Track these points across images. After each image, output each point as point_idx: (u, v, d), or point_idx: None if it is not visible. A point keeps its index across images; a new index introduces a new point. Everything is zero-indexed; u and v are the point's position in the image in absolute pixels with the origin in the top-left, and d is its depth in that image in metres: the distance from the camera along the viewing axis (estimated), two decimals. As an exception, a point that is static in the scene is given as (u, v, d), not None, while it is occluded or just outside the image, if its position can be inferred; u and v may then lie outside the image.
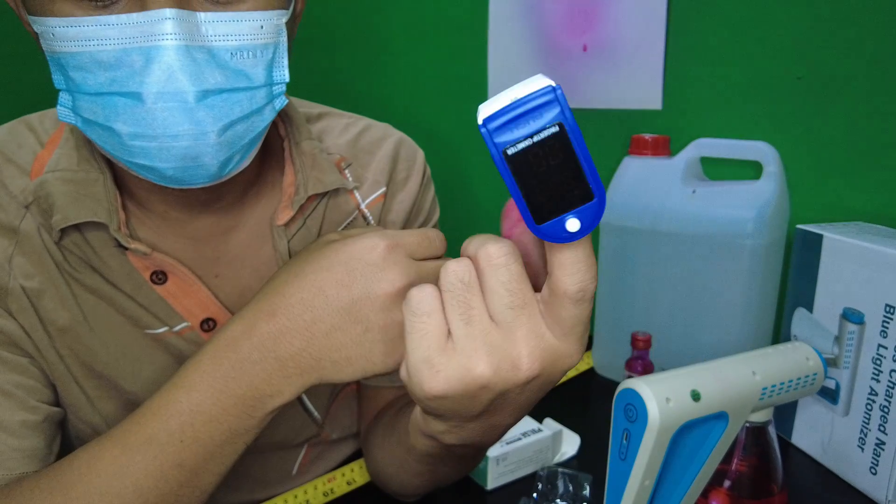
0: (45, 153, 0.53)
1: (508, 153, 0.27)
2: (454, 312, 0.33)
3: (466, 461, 0.52)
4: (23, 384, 0.50)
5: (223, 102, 0.44)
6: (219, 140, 0.44)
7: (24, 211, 0.51)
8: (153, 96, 0.41)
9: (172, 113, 0.42)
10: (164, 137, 0.43)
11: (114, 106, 0.42)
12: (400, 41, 1.29)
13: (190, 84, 0.42)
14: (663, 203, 0.83)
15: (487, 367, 0.32)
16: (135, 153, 0.44)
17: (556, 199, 0.28)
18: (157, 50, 0.41)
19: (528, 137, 0.27)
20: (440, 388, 0.33)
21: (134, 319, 0.54)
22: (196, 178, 0.46)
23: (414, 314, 0.33)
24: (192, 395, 0.42)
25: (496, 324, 0.33)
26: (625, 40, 0.99)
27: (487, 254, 0.32)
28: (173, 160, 0.44)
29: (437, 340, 0.33)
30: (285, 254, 0.57)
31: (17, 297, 0.50)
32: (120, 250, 0.52)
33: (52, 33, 0.42)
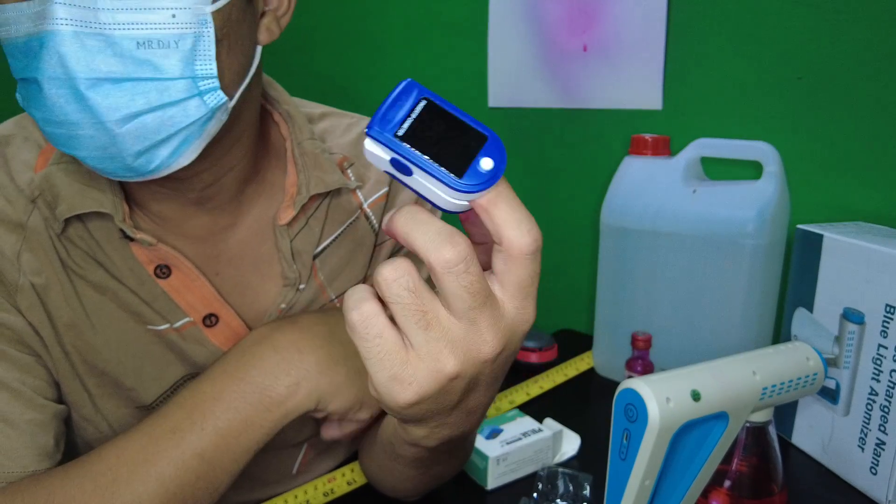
0: (49, 147, 0.53)
1: (400, 134, 0.30)
2: (409, 322, 0.31)
3: (457, 454, 0.52)
4: (31, 382, 0.50)
5: (121, 92, 0.43)
6: (121, 130, 0.43)
7: (32, 206, 0.51)
8: (47, 81, 0.41)
9: (66, 99, 0.42)
10: (67, 125, 0.43)
11: (27, 91, 0.43)
12: (400, 41, 1.29)
13: (78, 70, 0.41)
14: (664, 203, 0.83)
15: (455, 361, 0.32)
16: (54, 139, 0.44)
17: (461, 153, 0.30)
18: (48, 35, 0.40)
19: (406, 117, 0.30)
20: (414, 397, 0.32)
21: (137, 315, 0.54)
22: (117, 168, 0.46)
23: (364, 339, 0.32)
24: (215, 385, 0.48)
25: (457, 320, 0.32)
26: (625, 40, 0.99)
27: (445, 261, 0.30)
28: (85, 149, 0.44)
29: (398, 355, 0.32)
30: (288, 253, 0.58)
31: (27, 294, 0.51)
32: (124, 242, 0.52)
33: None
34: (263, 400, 0.49)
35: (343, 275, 0.62)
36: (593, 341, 0.95)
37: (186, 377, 0.57)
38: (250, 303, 0.59)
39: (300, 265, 0.59)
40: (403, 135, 0.30)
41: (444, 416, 0.36)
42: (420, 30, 1.25)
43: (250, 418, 0.48)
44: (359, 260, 0.63)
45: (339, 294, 0.62)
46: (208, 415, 0.47)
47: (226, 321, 0.56)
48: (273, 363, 0.50)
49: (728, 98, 0.91)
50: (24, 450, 0.48)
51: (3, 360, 0.49)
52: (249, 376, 0.49)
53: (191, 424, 0.47)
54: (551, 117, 1.10)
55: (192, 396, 0.48)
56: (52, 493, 0.45)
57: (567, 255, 1.12)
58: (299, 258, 0.59)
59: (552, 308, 1.16)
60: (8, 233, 0.50)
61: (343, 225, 0.62)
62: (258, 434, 0.49)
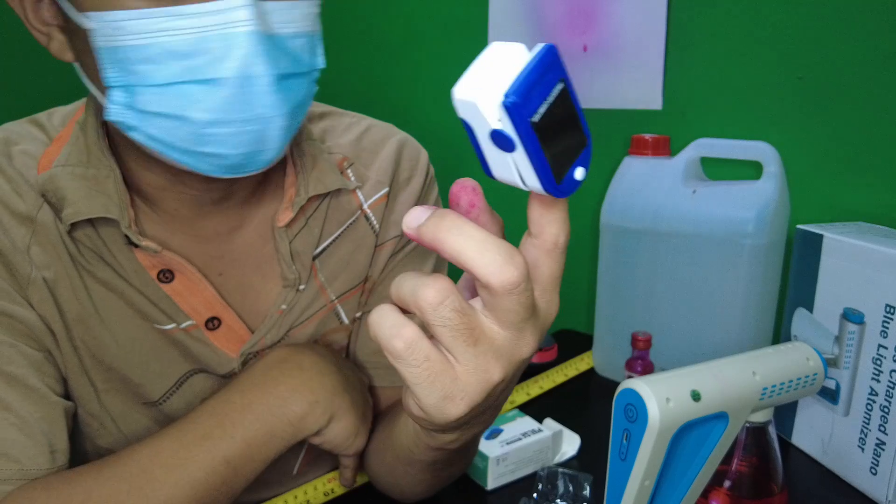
0: (52, 149, 0.53)
1: (535, 121, 0.26)
2: (457, 342, 0.30)
3: (468, 454, 0.54)
4: (42, 379, 0.50)
5: (290, 86, 0.46)
6: (285, 124, 0.46)
7: (42, 200, 0.51)
8: (235, 81, 0.43)
9: (252, 97, 0.44)
10: (239, 122, 0.44)
11: (188, 95, 0.43)
12: (400, 41, 1.29)
13: (268, 68, 0.43)
14: (664, 203, 0.83)
15: (501, 369, 0.32)
16: (206, 141, 0.45)
17: (566, 154, 0.28)
18: (236, 36, 0.42)
19: (543, 102, 0.26)
20: (464, 410, 0.32)
21: (144, 313, 0.54)
22: (256, 164, 0.48)
23: (413, 365, 0.31)
24: (245, 396, 0.51)
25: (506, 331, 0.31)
26: (625, 40, 0.99)
27: (510, 283, 0.29)
28: (243, 146, 0.46)
29: (448, 375, 0.31)
30: (287, 255, 0.58)
31: (38, 288, 0.51)
32: (129, 247, 0.52)
33: (114, 27, 0.42)
34: (287, 413, 0.51)
35: (343, 275, 0.62)
36: (593, 341, 0.95)
37: (191, 372, 0.57)
38: (251, 303, 0.59)
39: (299, 266, 0.59)
40: (537, 122, 0.26)
41: (478, 417, 0.37)
42: (420, 30, 1.25)
43: (274, 430, 0.51)
44: (359, 261, 0.63)
45: (338, 295, 0.62)
46: (238, 424, 0.50)
47: (228, 324, 0.57)
48: (299, 381, 0.52)
49: (728, 98, 0.91)
50: (39, 448, 0.48)
51: (17, 356, 0.49)
52: (277, 391, 0.51)
53: (222, 432, 0.49)
54: (551, 117, 1.10)
55: (223, 405, 0.51)
56: (88, 492, 0.46)
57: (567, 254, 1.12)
58: (298, 259, 0.59)
59: (552, 308, 1.16)
60: (19, 225, 0.50)
61: (343, 225, 0.61)
62: (279, 445, 0.51)
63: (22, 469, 0.47)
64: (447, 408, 0.32)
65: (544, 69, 0.26)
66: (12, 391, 0.48)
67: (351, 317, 0.64)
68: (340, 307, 0.62)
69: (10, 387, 0.48)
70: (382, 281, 0.64)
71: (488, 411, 0.38)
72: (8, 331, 0.49)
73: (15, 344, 0.49)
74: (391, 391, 0.64)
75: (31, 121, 0.56)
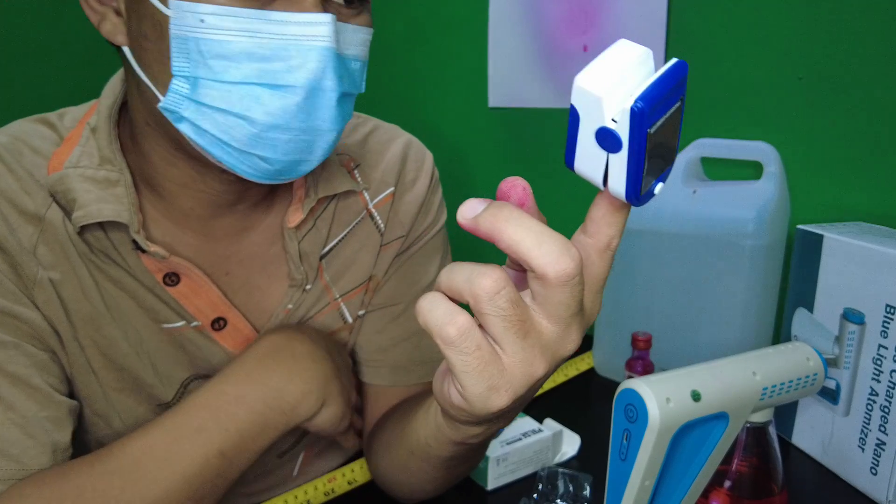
0: (63, 150, 0.53)
1: (650, 132, 0.27)
2: (508, 333, 0.31)
3: (482, 452, 0.54)
4: (46, 379, 0.50)
5: (347, 106, 0.49)
6: (334, 139, 0.48)
7: (51, 200, 0.51)
8: (305, 91, 0.44)
9: (317, 109, 0.45)
10: (297, 131, 0.46)
11: (256, 97, 0.44)
12: (400, 41, 1.29)
13: (336, 84, 0.45)
14: (664, 203, 0.83)
15: (545, 365, 0.33)
16: (261, 143, 0.46)
17: (658, 168, 0.29)
18: (316, 50, 0.44)
19: (663, 115, 0.27)
20: (507, 403, 0.33)
21: (153, 313, 0.54)
22: (295, 173, 0.49)
23: (464, 353, 0.31)
24: (238, 387, 0.51)
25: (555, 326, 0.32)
26: (625, 40, 0.98)
27: (567, 274, 0.30)
28: (293, 153, 0.47)
29: (496, 366, 0.32)
30: (296, 255, 0.58)
31: (44, 288, 0.51)
32: (136, 251, 0.53)
33: (200, 20, 0.42)
34: (281, 404, 0.51)
35: (347, 274, 0.62)
36: (593, 341, 0.95)
37: (192, 377, 0.57)
38: (257, 303, 0.59)
39: (307, 266, 0.59)
40: (652, 133, 0.27)
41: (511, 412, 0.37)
42: (420, 30, 1.25)
43: (268, 420, 0.51)
44: (363, 260, 0.63)
45: (342, 293, 0.62)
46: (231, 416, 0.50)
47: (234, 324, 0.57)
48: (292, 370, 0.52)
49: (728, 98, 0.91)
50: (41, 447, 0.48)
51: (21, 356, 0.49)
52: (271, 381, 0.51)
53: (215, 425, 0.49)
54: (551, 117, 1.10)
55: (216, 398, 0.50)
56: (81, 487, 0.46)
57: (567, 255, 1.12)
58: (306, 259, 0.59)
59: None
60: (26, 224, 0.50)
61: (349, 226, 0.62)
62: (273, 435, 0.51)
63: (22, 469, 0.47)
64: (492, 398, 0.32)
65: (673, 84, 0.27)
66: (15, 390, 0.48)
67: (354, 315, 0.64)
68: (344, 305, 0.63)
69: (13, 386, 0.48)
70: (387, 280, 0.65)
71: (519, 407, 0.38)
72: (12, 331, 0.49)
73: (19, 344, 0.49)
74: (394, 390, 0.64)
75: (41, 120, 0.55)
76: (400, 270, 0.65)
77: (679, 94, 0.28)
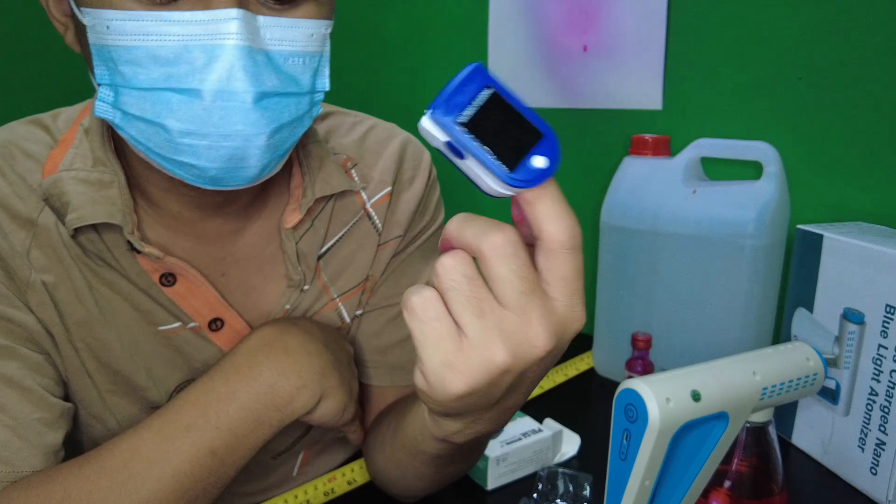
0: (57, 152, 0.53)
1: (461, 121, 0.30)
2: (464, 309, 0.32)
3: (472, 454, 0.53)
4: (40, 381, 0.50)
5: (275, 106, 0.45)
6: (267, 143, 0.45)
7: (43, 204, 0.51)
8: (212, 94, 0.42)
9: (229, 112, 0.43)
10: (215, 136, 0.43)
11: (166, 102, 0.43)
12: (400, 41, 1.29)
13: (249, 85, 0.42)
14: (663, 203, 0.83)
15: (507, 353, 0.32)
16: (181, 151, 0.44)
17: (515, 147, 0.30)
18: (221, 49, 0.41)
19: (469, 104, 0.30)
20: (465, 387, 0.32)
21: (148, 315, 0.54)
22: (236, 179, 0.47)
23: (421, 321, 0.32)
24: (228, 384, 0.49)
25: (508, 310, 0.32)
26: (625, 40, 0.99)
27: (494, 244, 0.31)
28: (220, 160, 0.45)
29: (452, 342, 0.32)
30: (293, 255, 0.58)
31: (37, 291, 0.51)
32: (131, 252, 0.52)
33: (106, 26, 0.42)
34: (274, 399, 0.50)
35: (345, 274, 0.62)
36: (593, 341, 0.95)
37: (188, 381, 0.57)
38: (254, 304, 0.59)
39: (305, 267, 0.59)
40: (464, 122, 0.30)
41: (483, 411, 0.36)
42: (420, 29, 1.25)
43: (260, 417, 0.50)
44: (361, 260, 0.63)
45: (340, 293, 0.62)
46: (222, 413, 0.48)
47: (231, 325, 0.57)
48: (285, 364, 0.51)
49: (728, 98, 0.91)
50: (33, 449, 0.48)
51: (14, 359, 0.49)
52: (262, 376, 0.50)
53: (205, 423, 0.48)
54: (551, 117, 1.10)
55: (206, 395, 0.49)
56: (67, 489, 0.45)
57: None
58: (304, 260, 0.59)
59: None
60: (19, 228, 0.50)
61: (347, 226, 0.62)
62: (266, 431, 0.50)
63: (13, 471, 0.46)
64: (447, 377, 0.32)
65: (464, 82, 0.30)
66: (8, 392, 0.48)
67: (351, 315, 0.64)
68: (342, 305, 0.63)
69: (5, 388, 0.48)
70: (385, 280, 0.64)
71: (493, 410, 0.37)
72: (6, 334, 0.49)
73: (12, 346, 0.49)
74: (392, 391, 0.64)
75: (35, 122, 0.55)
76: (397, 270, 0.65)
77: (481, 84, 0.30)
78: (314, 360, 0.52)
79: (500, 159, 0.30)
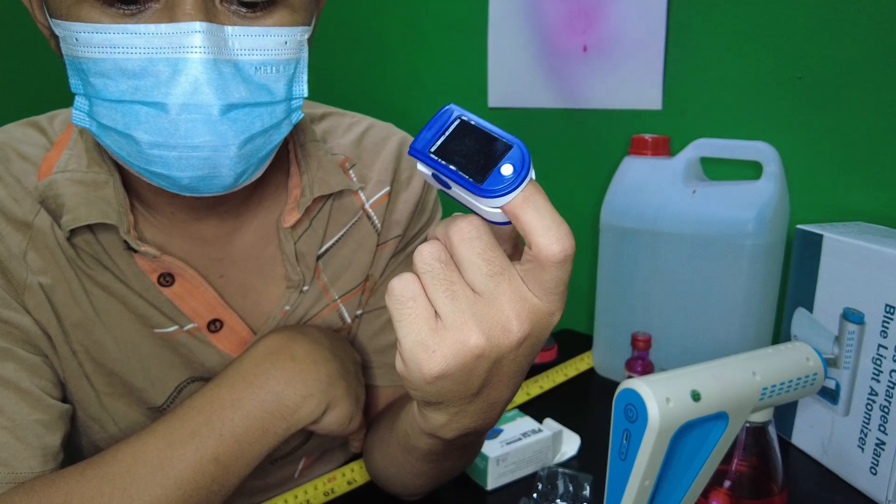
0: (53, 154, 0.53)
1: (432, 150, 0.33)
2: (437, 291, 0.33)
3: (467, 451, 0.52)
4: (38, 383, 0.50)
5: (245, 116, 0.44)
6: (238, 153, 0.45)
7: (38, 206, 0.51)
8: (178, 108, 0.42)
9: (196, 125, 0.42)
10: (184, 148, 0.43)
11: (135, 114, 0.42)
12: (400, 42, 1.29)
13: (215, 97, 0.42)
14: (663, 203, 0.83)
15: (480, 336, 0.33)
16: (152, 161, 0.44)
17: (485, 162, 0.32)
18: (185, 62, 0.41)
19: (440, 135, 0.33)
20: (438, 368, 0.33)
21: (144, 318, 0.54)
22: (210, 188, 0.47)
23: (399, 301, 0.34)
24: (233, 391, 0.49)
25: (479, 294, 0.33)
26: (625, 40, 0.99)
27: (458, 228, 0.33)
28: (191, 170, 0.44)
29: (427, 322, 0.33)
30: (292, 255, 0.58)
31: (34, 293, 0.51)
32: (128, 252, 0.52)
33: (75, 38, 0.42)
34: (280, 408, 0.50)
35: (345, 275, 0.62)
36: (593, 341, 0.95)
37: (189, 380, 0.57)
38: (254, 305, 0.59)
39: (304, 267, 0.59)
40: (435, 150, 0.32)
41: (465, 402, 0.37)
42: (420, 30, 1.25)
43: (266, 425, 0.50)
44: (361, 260, 0.63)
45: (341, 294, 0.62)
46: (227, 421, 0.49)
47: (230, 326, 0.57)
48: (291, 373, 0.51)
49: (728, 98, 0.91)
50: (31, 451, 0.47)
51: (11, 361, 0.49)
52: (268, 385, 0.50)
53: (210, 430, 0.48)
54: (551, 117, 1.10)
55: (211, 402, 0.49)
56: (69, 494, 0.45)
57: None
58: (303, 260, 0.59)
59: (552, 308, 1.16)
60: (15, 231, 0.50)
61: (346, 226, 0.62)
62: (271, 440, 0.50)
63: (12, 472, 0.46)
64: (421, 357, 0.33)
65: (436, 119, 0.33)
66: (6, 394, 0.48)
67: (352, 315, 0.64)
68: (343, 306, 0.63)
69: (4, 390, 0.48)
70: (384, 280, 0.64)
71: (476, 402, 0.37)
72: (3, 336, 0.49)
73: (10, 348, 0.49)
74: (391, 390, 0.64)
75: (31, 124, 0.55)
76: (397, 270, 0.65)
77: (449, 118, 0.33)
78: (321, 368, 0.52)
79: (472, 176, 0.32)
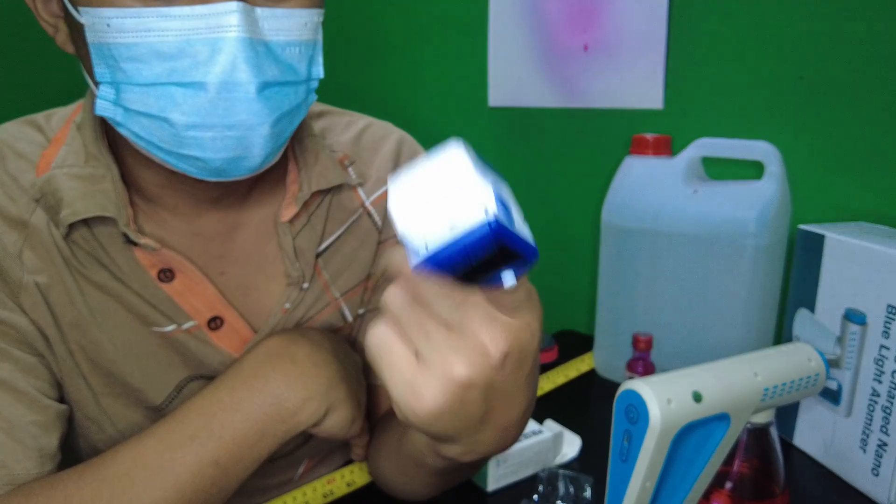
0: (50, 151, 0.53)
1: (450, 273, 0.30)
2: (413, 334, 0.32)
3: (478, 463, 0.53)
4: (34, 384, 0.50)
5: (276, 95, 0.46)
6: (270, 132, 0.46)
7: (35, 205, 0.51)
8: (217, 86, 0.43)
9: (234, 103, 0.43)
10: (220, 128, 0.44)
11: (170, 96, 0.43)
12: (400, 41, 1.29)
13: (252, 75, 0.43)
14: (665, 203, 0.83)
15: (462, 367, 0.32)
16: (186, 144, 0.45)
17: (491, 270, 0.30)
18: (224, 41, 0.42)
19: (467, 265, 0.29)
20: (430, 407, 0.32)
21: (142, 317, 0.54)
22: (239, 170, 0.47)
23: (379, 353, 0.33)
24: (234, 393, 0.49)
25: (451, 327, 0.32)
26: (626, 39, 0.98)
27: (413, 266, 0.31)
28: (224, 151, 0.45)
29: (409, 366, 0.32)
30: (290, 251, 0.57)
31: (30, 293, 0.50)
32: (127, 247, 0.52)
33: (106, 24, 0.42)
34: (280, 411, 0.50)
35: (347, 273, 0.62)
36: (594, 342, 0.95)
37: (189, 378, 0.56)
38: (254, 303, 0.58)
39: (303, 263, 0.59)
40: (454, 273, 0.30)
41: (473, 432, 0.35)
42: (420, 29, 1.25)
43: (265, 428, 0.49)
44: (362, 258, 0.63)
45: (343, 293, 0.62)
46: (226, 424, 0.48)
47: (230, 324, 0.56)
48: (291, 376, 0.51)
49: (729, 98, 0.91)
50: (27, 452, 0.47)
51: (7, 361, 0.49)
52: (268, 388, 0.50)
53: (209, 433, 0.48)
54: (551, 117, 1.10)
55: (210, 405, 0.49)
56: (68, 497, 0.45)
57: (567, 255, 1.12)
58: (302, 256, 0.59)
59: (552, 308, 1.16)
60: (10, 230, 0.50)
61: (345, 224, 0.61)
62: (271, 443, 0.50)
63: (8, 474, 0.46)
64: (411, 401, 0.32)
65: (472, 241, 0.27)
66: (1, 395, 0.47)
67: (354, 314, 0.63)
68: (345, 305, 0.62)
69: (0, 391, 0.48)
70: (386, 280, 0.64)
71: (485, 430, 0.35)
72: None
73: (5, 349, 0.49)
74: None
75: (28, 122, 0.55)
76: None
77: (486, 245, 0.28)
78: (321, 371, 0.52)
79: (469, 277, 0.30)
